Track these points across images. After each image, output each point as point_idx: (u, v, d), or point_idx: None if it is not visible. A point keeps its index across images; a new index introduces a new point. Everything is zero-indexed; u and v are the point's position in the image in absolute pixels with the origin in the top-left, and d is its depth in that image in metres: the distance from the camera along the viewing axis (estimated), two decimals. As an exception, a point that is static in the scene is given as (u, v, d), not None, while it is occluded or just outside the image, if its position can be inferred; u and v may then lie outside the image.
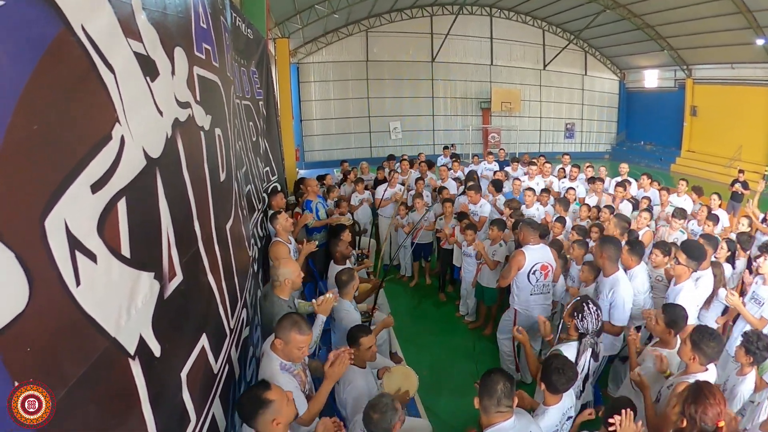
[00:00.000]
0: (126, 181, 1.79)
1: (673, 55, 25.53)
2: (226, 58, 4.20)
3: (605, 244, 5.02)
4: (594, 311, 4.05)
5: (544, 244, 5.83)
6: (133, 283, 1.85)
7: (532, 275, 5.60)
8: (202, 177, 2.90)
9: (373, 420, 2.99)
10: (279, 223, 5.78)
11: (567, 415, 3.63)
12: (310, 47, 25.50)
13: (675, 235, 7.09)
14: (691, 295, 4.87)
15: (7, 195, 1.23)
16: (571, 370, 3.55)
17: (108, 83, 1.70)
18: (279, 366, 3.31)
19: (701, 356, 3.49)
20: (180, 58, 2.54)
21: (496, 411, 3.01)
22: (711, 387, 2.90)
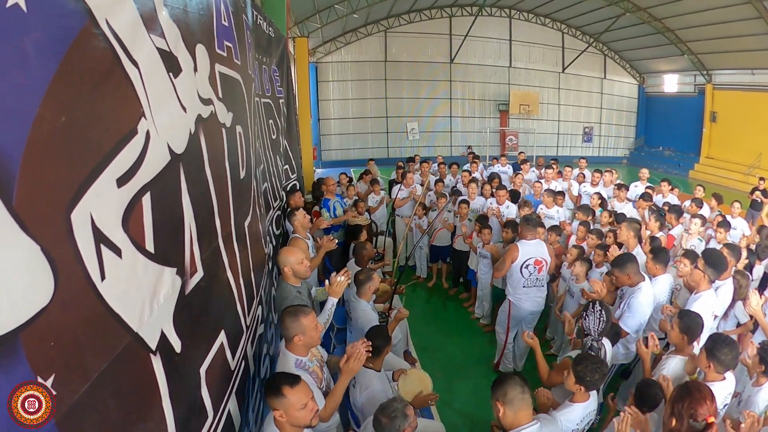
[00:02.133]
0: (151, 176, 1.80)
1: (693, 60, 25.20)
2: (247, 55, 4.22)
3: (624, 265, 4.92)
4: (598, 312, 4.07)
5: (541, 241, 6.00)
6: (156, 278, 1.86)
7: (524, 269, 5.81)
8: (223, 174, 2.91)
9: (381, 423, 2.98)
10: (297, 220, 5.82)
11: (589, 418, 3.63)
12: (328, 47, 25.59)
13: (693, 241, 6.98)
14: (710, 304, 4.76)
15: (33, 188, 1.23)
16: (605, 366, 3.63)
17: (133, 78, 1.71)
18: (294, 364, 3.33)
19: (716, 364, 3.47)
20: (202, 55, 2.55)
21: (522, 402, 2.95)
22: (698, 384, 2.93)
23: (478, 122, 29.12)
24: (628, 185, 9.69)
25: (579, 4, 24.85)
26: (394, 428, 2.96)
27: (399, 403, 3.10)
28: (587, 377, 3.46)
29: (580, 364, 3.54)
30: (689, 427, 2.71)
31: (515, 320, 6.12)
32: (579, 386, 3.51)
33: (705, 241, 7.15)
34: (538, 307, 6.07)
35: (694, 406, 2.72)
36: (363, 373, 3.87)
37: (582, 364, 3.53)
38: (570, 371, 3.60)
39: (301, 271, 4.44)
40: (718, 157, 25.19)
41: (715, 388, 3.41)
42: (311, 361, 3.49)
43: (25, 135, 1.20)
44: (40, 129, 1.24)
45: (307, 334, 3.32)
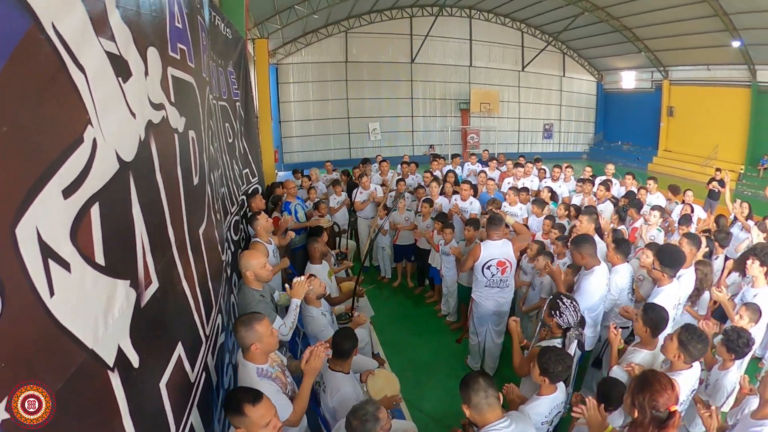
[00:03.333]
0: (99, 186, 1.72)
1: (650, 57, 25.99)
2: (202, 58, 4.11)
3: (580, 244, 5.08)
4: (570, 304, 4.10)
5: (507, 241, 5.95)
6: (109, 292, 1.79)
7: (486, 269, 5.82)
8: (175, 181, 2.82)
9: (353, 426, 2.95)
10: (259, 224, 5.74)
11: (557, 410, 3.67)
12: (289, 48, 25.39)
13: (652, 232, 7.19)
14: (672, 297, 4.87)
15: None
16: (569, 358, 3.65)
17: (79, 84, 1.63)
18: (256, 373, 3.25)
19: (686, 355, 3.52)
20: (153, 59, 2.47)
21: (487, 406, 2.96)
22: (657, 374, 2.91)
23: (440, 121, 29.39)
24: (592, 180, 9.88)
25: (538, 3, 25.39)
26: (365, 429, 2.94)
27: (371, 405, 3.06)
28: (550, 369, 3.49)
29: (544, 355, 3.57)
30: (652, 417, 2.72)
31: (479, 318, 6.15)
32: (543, 378, 3.54)
33: (663, 231, 7.35)
34: (500, 307, 6.05)
35: (655, 397, 2.72)
36: (332, 376, 3.85)
37: (546, 355, 3.56)
38: (535, 363, 3.64)
39: (263, 275, 4.38)
40: (675, 150, 26.19)
41: (683, 376, 3.52)
42: (272, 368, 3.42)
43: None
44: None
45: (264, 341, 3.25)
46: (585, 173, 10.60)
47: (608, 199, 8.93)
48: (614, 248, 5.31)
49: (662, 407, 2.71)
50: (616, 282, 5.24)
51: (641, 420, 2.76)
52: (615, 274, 5.25)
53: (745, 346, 3.87)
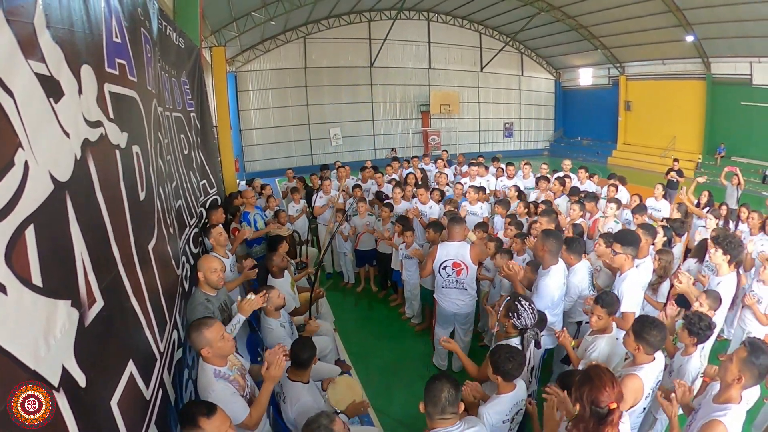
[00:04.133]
0: (33, 208, 1.71)
1: (606, 54, 26.70)
2: (146, 70, 4.06)
3: (547, 237, 5.12)
4: (528, 306, 4.17)
5: (465, 243, 6.00)
6: (48, 313, 1.78)
7: (442, 270, 5.89)
8: (118, 197, 2.79)
9: None
10: (213, 237, 5.72)
11: (518, 407, 3.73)
12: (247, 55, 25.21)
13: (609, 224, 7.36)
14: (637, 281, 5.03)
15: None
16: (520, 355, 3.72)
17: (7, 108, 1.62)
18: (213, 374, 3.31)
19: (645, 346, 3.60)
20: (88, 76, 2.44)
21: (439, 418, 3.07)
22: (598, 370, 2.94)
23: (401, 124, 29.58)
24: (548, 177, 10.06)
25: (495, 5, 25.80)
26: None
27: (325, 418, 3.08)
28: (501, 366, 3.57)
29: (495, 354, 3.66)
30: (592, 412, 2.76)
31: (443, 318, 6.21)
32: (496, 376, 3.61)
33: (621, 224, 7.53)
34: (458, 309, 6.05)
35: (595, 393, 2.74)
36: (291, 387, 3.86)
37: (496, 354, 3.65)
38: (488, 362, 3.72)
39: (212, 280, 4.41)
40: (634, 143, 27.12)
41: (644, 370, 3.60)
42: (231, 370, 3.46)
43: None
44: None
45: (215, 345, 3.31)
46: (542, 170, 10.80)
47: (564, 194, 9.13)
48: (566, 248, 5.37)
49: (602, 403, 2.73)
50: (575, 283, 5.35)
51: (582, 414, 2.80)
52: (573, 275, 5.36)
53: (707, 329, 3.97)
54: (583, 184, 10.03)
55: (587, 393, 2.77)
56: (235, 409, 3.25)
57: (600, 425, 2.73)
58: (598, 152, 28.24)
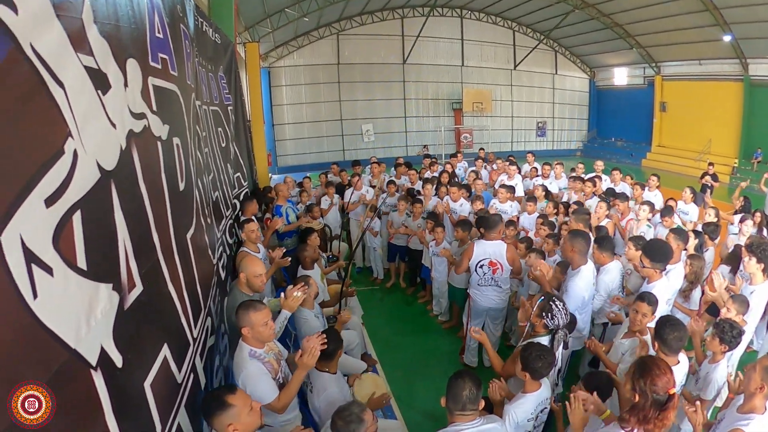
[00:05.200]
0: (80, 195, 1.80)
1: (641, 53, 26.08)
2: (186, 66, 4.16)
3: (575, 238, 5.09)
4: (561, 307, 4.13)
5: (502, 242, 5.99)
6: (91, 295, 1.86)
7: (479, 268, 5.91)
8: (159, 187, 2.88)
9: (337, 426, 3.02)
10: (245, 232, 5.79)
11: (542, 406, 3.72)
12: (281, 51, 25.43)
13: (642, 228, 7.24)
14: (663, 292, 4.91)
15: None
16: (550, 354, 3.70)
17: (59, 99, 1.71)
18: (248, 353, 3.42)
19: (662, 344, 3.61)
20: (133, 70, 2.53)
21: (459, 413, 3.13)
22: (655, 359, 3.01)
23: (433, 121, 29.43)
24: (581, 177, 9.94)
25: (529, 2, 25.42)
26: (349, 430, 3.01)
27: (356, 407, 3.13)
28: (531, 364, 3.55)
29: (526, 351, 3.65)
30: (653, 401, 2.78)
31: (476, 313, 6.22)
32: (524, 373, 3.60)
33: (653, 227, 7.42)
34: (494, 304, 6.09)
35: (655, 381, 2.78)
36: (318, 376, 3.91)
37: (527, 350, 3.63)
38: (518, 358, 3.71)
39: (255, 284, 4.46)
40: (669, 145, 26.31)
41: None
42: (267, 354, 3.55)
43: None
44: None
45: (255, 329, 3.42)
46: (577, 170, 10.67)
47: (596, 195, 9.01)
48: (597, 247, 5.33)
49: (662, 390, 2.77)
50: (606, 282, 5.29)
51: (642, 403, 2.81)
52: (605, 273, 5.30)
53: (738, 336, 3.93)
54: (617, 186, 9.89)
55: (649, 382, 2.80)
56: (264, 389, 3.35)
57: (661, 411, 2.77)
58: (632, 154, 27.63)
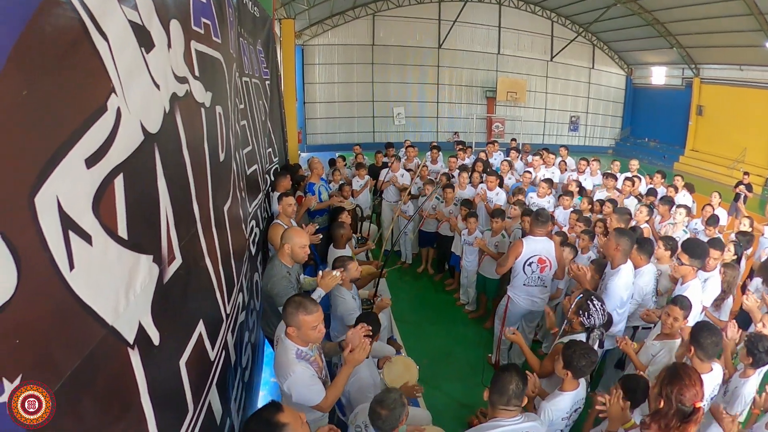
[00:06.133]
0: (123, 157, 1.67)
1: (681, 53, 25.27)
2: (229, 34, 4.05)
3: (622, 236, 4.92)
4: (599, 306, 4.05)
5: (550, 239, 5.68)
6: (131, 267, 1.75)
7: (527, 266, 5.55)
8: (201, 156, 2.78)
9: (381, 416, 2.96)
10: (282, 205, 5.72)
11: (577, 405, 3.66)
12: (315, 29, 25.27)
13: (678, 233, 7.02)
14: (697, 293, 4.81)
15: (-10, 167, 1.11)
16: (594, 354, 3.62)
17: (102, 51, 1.58)
18: (295, 354, 3.17)
19: (698, 349, 3.52)
20: (176, 32, 2.41)
21: (502, 408, 3.01)
22: (687, 368, 2.93)
23: (465, 108, 29.01)
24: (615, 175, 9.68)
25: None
26: (394, 418, 2.97)
27: (394, 393, 3.09)
28: (574, 362, 3.47)
29: (570, 348, 3.57)
30: (677, 410, 2.72)
31: (513, 316, 5.87)
32: (566, 371, 3.52)
33: (689, 233, 7.19)
34: (536, 307, 5.75)
35: (683, 391, 2.72)
36: None
37: (571, 348, 3.55)
38: (559, 355, 3.63)
39: (299, 255, 4.35)
40: (703, 151, 25.39)
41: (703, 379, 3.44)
42: (311, 350, 3.35)
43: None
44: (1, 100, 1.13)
45: (302, 331, 3.14)
46: (612, 168, 10.41)
47: (633, 195, 8.80)
48: (638, 248, 5.12)
49: (688, 402, 2.71)
50: (641, 285, 5.14)
51: (666, 411, 2.75)
52: (639, 276, 5.14)
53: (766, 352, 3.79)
54: (658, 189, 9.60)
55: (676, 391, 2.74)
56: (314, 393, 3.17)
57: (683, 423, 2.71)
58: (665, 156, 26.79)
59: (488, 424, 3.06)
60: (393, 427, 2.99)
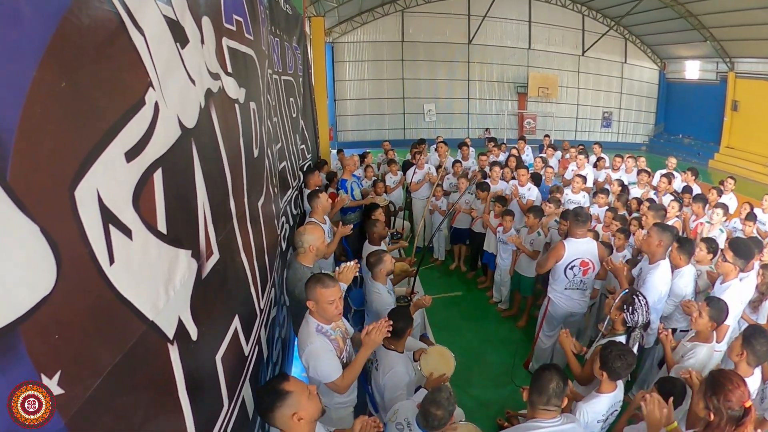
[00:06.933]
0: (162, 151, 1.68)
1: (716, 47, 24.50)
2: (261, 31, 4.07)
3: (664, 231, 4.81)
4: (644, 302, 3.95)
5: (591, 239, 5.48)
6: (170, 262, 1.75)
7: (569, 270, 5.34)
8: (237, 151, 2.80)
9: (437, 416, 3.01)
10: (319, 202, 5.68)
11: (614, 408, 3.59)
12: (345, 27, 25.33)
13: (714, 232, 6.85)
14: (739, 293, 4.70)
15: (31, 159, 1.10)
16: (631, 355, 3.54)
17: (138, 45, 1.58)
18: (315, 328, 3.29)
19: (750, 353, 3.40)
20: (208, 28, 2.42)
21: (542, 408, 2.96)
22: (726, 373, 2.87)
23: (496, 104, 28.71)
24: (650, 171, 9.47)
25: (600, -15, 24.30)
26: (447, 416, 3.04)
27: (444, 391, 3.15)
28: (610, 363, 3.41)
29: (606, 349, 3.51)
30: (728, 417, 2.65)
31: (555, 320, 5.70)
32: (602, 372, 3.47)
33: (726, 231, 7.03)
34: (578, 309, 5.59)
35: (729, 397, 2.66)
36: (386, 354, 3.84)
37: (608, 349, 3.50)
38: (597, 356, 3.58)
39: (322, 250, 4.39)
40: (738, 148, 24.51)
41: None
42: (334, 331, 3.44)
43: (21, 100, 1.07)
44: (38, 94, 1.12)
45: (320, 305, 3.25)
46: (639, 164, 10.21)
47: (668, 193, 8.61)
48: (678, 247, 4.96)
49: (737, 405, 2.65)
50: (680, 286, 5.00)
51: (718, 422, 2.67)
52: (679, 277, 4.99)
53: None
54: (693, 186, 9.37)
55: (722, 399, 2.67)
56: (328, 366, 3.23)
57: (737, 427, 2.65)
58: (699, 153, 25.90)
59: (527, 424, 3.02)
60: (445, 424, 3.05)
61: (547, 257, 5.48)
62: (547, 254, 5.63)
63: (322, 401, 2.60)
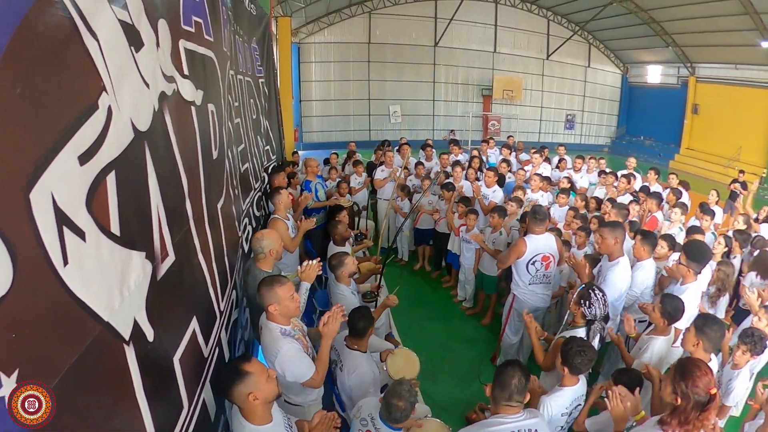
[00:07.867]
0: (115, 154, 1.70)
1: (677, 52, 25.23)
2: (222, 32, 4.06)
3: (616, 228, 4.94)
4: (601, 297, 4.05)
5: (550, 234, 5.65)
6: (124, 263, 1.77)
7: (531, 265, 5.48)
8: (193, 153, 2.80)
9: (399, 408, 3.06)
10: (280, 199, 5.69)
11: (577, 402, 3.67)
12: (311, 27, 25.19)
13: (674, 230, 7.05)
14: (696, 296, 4.82)
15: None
16: (592, 350, 3.62)
17: (92, 50, 1.60)
18: (279, 332, 3.30)
19: (705, 341, 3.50)
20: (164, 31, 2.43)
21: (505, 404, 3.03)
22: (695, 360, 2.96)
23: (461, 106, 28.97)
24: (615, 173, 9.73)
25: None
26: (410, 408, 3.10)
27: (405, 384, 3.19)
28: (570, 359, 3.50)
29: (567, 345, 3.59)
30: (695, 402, 2.75)
31: (518, 315, 5.77)
32: (563, 367, 3.55)
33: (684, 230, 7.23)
34: (542, 304, 5.74)
35: (697, 382, 2.75)
36: (349, 354, 3.87)
37: (569, 345, 3.58)
38: (557, 351, 3.67)
39: (280, 252, 4.42)
40: (698, 149, 25.34)
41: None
42: (294, 330, 3.46)
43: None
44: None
45: (282, 304, 3.27)
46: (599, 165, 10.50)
47: (628, 192, 8.83)
48: (641, 240, 5.12)
49: (703, 391, 2.74)
50: (641, 279, 5.13)
51: (684, 406, 2.77)
52: (640, 270, 5.13)
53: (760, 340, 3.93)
54: (652, 186, 9.64)
55: (690, 384, 2.76)
56: (304, 366, 3.28)
57: (702, 412, 2.74)
58: (660, 154, 26.68)
59: (490, 420, 3.09)
60: (408, 416, 3.10)
61: (508, 253, 5.59)
62: (508, 250, 5.74)
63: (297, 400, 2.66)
